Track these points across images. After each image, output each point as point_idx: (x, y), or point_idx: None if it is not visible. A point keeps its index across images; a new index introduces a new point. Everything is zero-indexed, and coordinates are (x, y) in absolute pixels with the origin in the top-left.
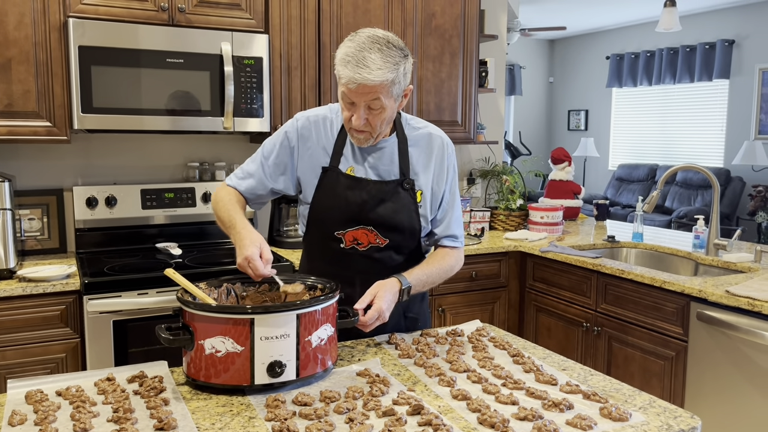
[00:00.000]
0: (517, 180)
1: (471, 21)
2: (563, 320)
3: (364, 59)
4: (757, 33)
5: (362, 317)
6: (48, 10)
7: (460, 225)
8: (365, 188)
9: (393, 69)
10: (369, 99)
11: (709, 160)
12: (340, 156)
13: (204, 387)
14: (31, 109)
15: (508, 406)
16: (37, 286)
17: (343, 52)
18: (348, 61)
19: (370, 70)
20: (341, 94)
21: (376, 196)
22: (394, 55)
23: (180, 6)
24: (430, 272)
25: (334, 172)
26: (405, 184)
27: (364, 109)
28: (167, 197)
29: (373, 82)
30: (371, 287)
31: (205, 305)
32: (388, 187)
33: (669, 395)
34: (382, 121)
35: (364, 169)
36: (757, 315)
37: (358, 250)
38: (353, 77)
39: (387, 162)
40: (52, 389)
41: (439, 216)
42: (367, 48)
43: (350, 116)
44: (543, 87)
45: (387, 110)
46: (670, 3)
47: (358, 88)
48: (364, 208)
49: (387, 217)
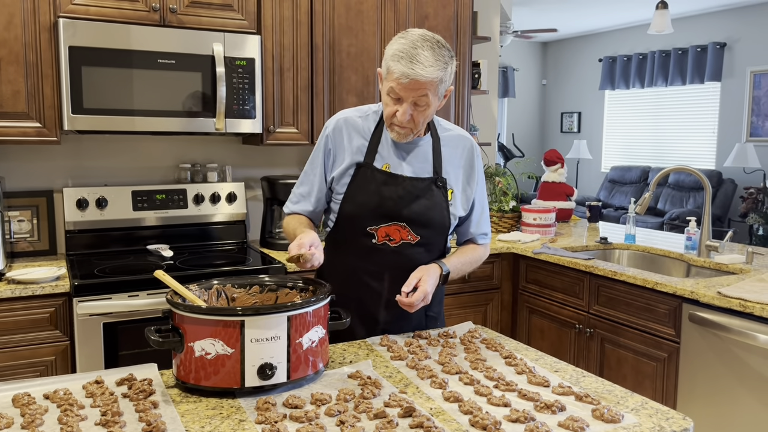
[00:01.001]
0: (510, 182)
1: (464, 23)
2: (556, 322)
3: (417, 56)
4: (748, 36)
5: (408, 299)
6: (38, 11)
7: (489, 222)
8: (401, 184)
9: (443, 68)
10: (417, 95)
11: (701, 162)
12: (375, 153)
13: (194, 390)
14: (20, 110)
15: (500, 407)
16: (26, 288)
17: (396, 48)
18: (401, 57)
19: (423, 66)
20: (388, 89)
21: (412, 193)
22: (444, 55)
23: (171, 6)
24: (464, 261)
25: (369, 168)
26: (438, 182)
27: (411, 105)
28: (158, 199)
29: (425, 78)
30: (415, 271)
31: (195, 307)
32: (423, 184)
33: (661, 397)
34: (425, 118)
35: (399, 165)
36: (748, 316)
37: (390, 245)
38: (406, 72)
39: (421, 160)
40: (39, 392)
41: (474, 216)
42: (419, 45)
43: (394, 111)
44: (536, 89)
45: (431, 107)
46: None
47: (409, 84)
48: (400, 204)
49: (421, 214)
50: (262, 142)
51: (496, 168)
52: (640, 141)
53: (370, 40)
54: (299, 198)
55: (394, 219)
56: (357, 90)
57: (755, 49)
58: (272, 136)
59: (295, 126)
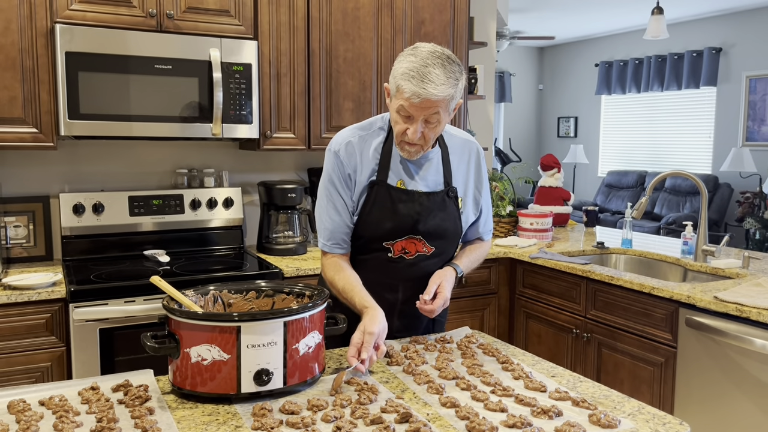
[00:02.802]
0: (507, 186)
1: (460, 28)
2: (553, 327)
3: (428, 74)
4: (743, 41)
5: (430, 306)
6: (35, 17)
7: (492, 218)
8: (417, 200)
9: (454, 84)
10: (429, 113)
11: (697, 166)
12: (387, 170)
13: (190, 396)
14: (17, 116)
15: (497, 413)
16: (22, 294)
17: (406, 67)
18: (412, 76)
19: (435, 86)
20: (398, 107)
21: (428, 208)
22: (455, 71)
23: (168, 12)
24: (472, 259)
25: (383, 186)
26: (450, 192)
27: (422, 122)
28: (155, 204)
29: (437, 97)
30: (433, 276)
31: (191, 313)
32: (438, 197)
33: (658, 401)
34: (436, 135)
35: (413, 181)
36: (745, 321)
37: (406, 258)
38: (418, 92)
39: (433, 173)
40: (35, 399)
41: (482, 218)
42: (430, 63)
43: (405, 129)
44: (532, 94)
45: (442, 124)
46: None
47: (421, 103)
48: (417, 219)
49: (437, 227)
50: (258, 148)
51: (493, 173)
52: (637, 146)
53: (366, 46)
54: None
55: (410, 233)
56: (354, 95)
57: (751, 53)
58: (269, 141)
59: (292, 131)
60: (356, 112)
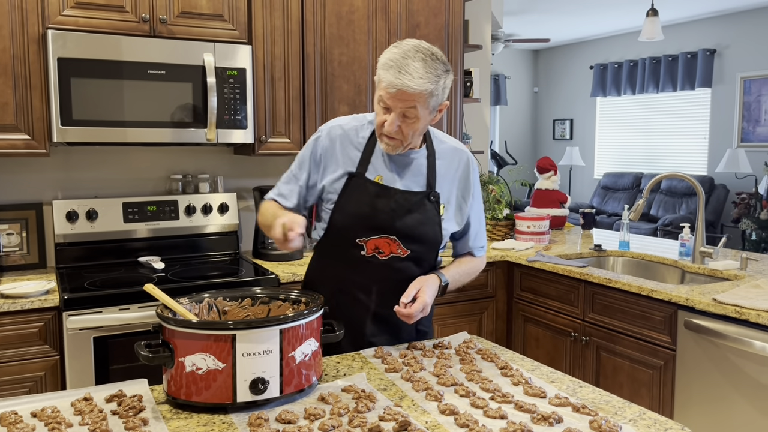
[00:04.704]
0: (503, 189)
1: (455, 31)
2: (551, 330)
3: (406, 66)
4: (737, 42)
5: (408, 309)
6: (27, 22)
7: (485, 235)
8: (393, 197)
9: (434, 80)
10: (405, 106)
11: (693, 168)
12: (367, 164)
13: (185, 405)
14: (8, 123)
15: (497, 420)
16: (15, 303)
17: (387, 57)
18: (390, 66)
19: (411, 77)
20: (378, 97)
21: (404, 206)
22: (436, 67)
23: (161, 17)
24: (461, 272)
25: (361, 179)
26: (431, 196)
27: (399, 116)
28: (150, 210)
29: (412, 89)
30: (414, 281)
31: (185, 321)
32: (416, 198)
33: (658, 405)
34: (415, 131)
35: (392, 177)
36: (744, 323)
37: (379, 258)
38: (393, 82)
39: (415, 173)
40: (27, 410)
41: (471, 231)
42: (411, 56)
43: (383, 121)
44: (528, 97)
45: (421, 121)
46: (652, 13)
47: (396, 94)
48: (391, 216)
49: (412, 228)
50: (253, 153)
51: (489, 176)
52: (632, 147)
53: (361, 50)
54: (283, 198)
55: (384, 232)
56: (349, 99)
57: (745, 55)
58: (264, 146)
59: (287, 136)
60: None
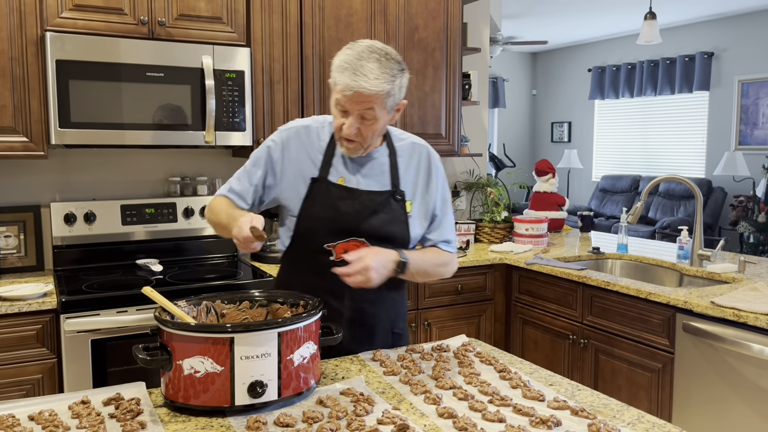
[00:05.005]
0: (501, 192)
1: (454, 34)
2: (550, 333)
3: (361, 67)
4: (735, 45)
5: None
6: (25, 24)
7: (453, 231)
8: (358, 198)
9: (389, 80)
10: (363, 108)
11: (691, 170)
12: (329, 166)
13: (183, 409)
14: (7, 125)
15: (495, 423)
16: (12, 306)
17: (341, 59)
18: (345, 68)
19: (367, 79)
20: (335, 101)
21: (369, 207)
22: (392, 67)
23: (160, 19)
24: (425, 259)
25: (324, 182)
26: (397, 195)
27: (357, 118)
28: (148, 213)
29: (369, 91)
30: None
31: (183, 324)
32: (381, 197)
33: (656, 407)
34: (373, 133)
35: (355, 179)
36: (742, 326)
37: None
38: (349, 84)
39: (378, 173)
40: (24, 413)
41: (434, 223)
42: (365, 57)
43: (341, 124)
44: (526, 99)
45: (379, 121)
46: (650, 16)
47: (353, 96)
48: (357, 218)
49: (379, 228)
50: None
51: (487, 178)
52: (631, 150)
53: None
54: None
55: (351, 234)
56: None
57: (742, 58)
58: None
59: None
60: None
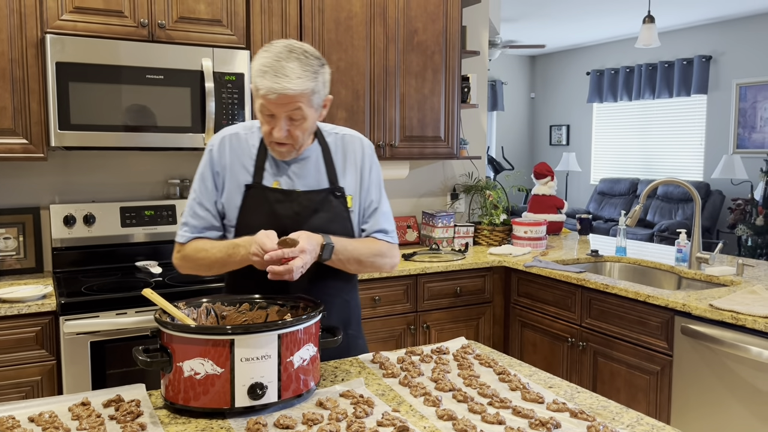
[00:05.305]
0: (500, 195)
1: (453, 37)
2: (548, 335)
3: (282, 68)
4: (733, 49)
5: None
6: (25, 27)
7: (390, 220)
8: (296, 200)
9: (312, 78)
10: (290, 109)
11: (689, 174)
12: (262, 171)
13: (183, 410)
14: (6, 127)
15: (495, 425)
16: (11, 307)
17: (260, 63)
18: (266, 72)
19: (290, 80)
20: (260, 106)
21: (309, 207)
22: (312, 64)
23: (160, 22)
24: (356, 246)
25: (259, 188)
26: (336, 192)
27: (285, 120)
28: (147, 215)
29: (293, 91)
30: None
31: (184, 326)
32: (320, 196)
33: (655, 410)
34: (304, 132)
35: (290, 181)
36: (740, 329)
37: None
38: (272, 87)
39: (313, 171)
40: (24, 415)
41: (369, 213)
42: (284, 57)
43: (270, 129)
44: (525, 102)
45: (308, 120)
46: (648, 20)
47: (278, 99)
48: (297, 220)
49: (321, 228)
50: None
51: (486, 181)
52: (629, 153)
53: (359, 55)
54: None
55: None
56: (347, 104)
57: (740, 61)
58: None
59: None
60: (349, 121)
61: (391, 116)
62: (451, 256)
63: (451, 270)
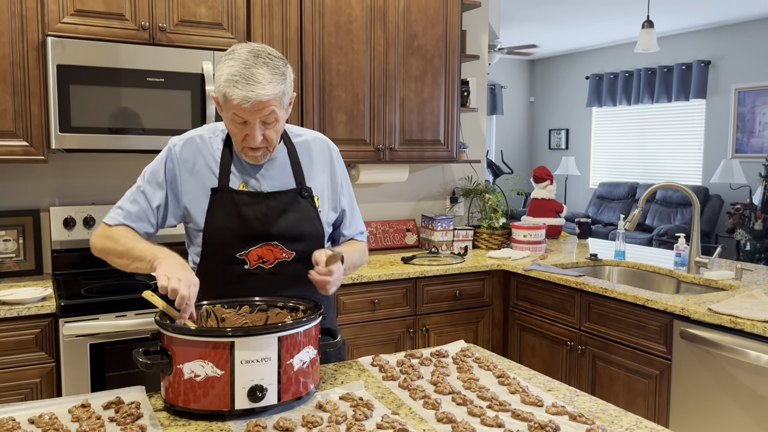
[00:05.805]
0: (499, 199)
1: (453, 41)
2: (547, 339)
3: (253, 76)
4: (731, 54)
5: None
6: (26, 29)
7: (362, 220)
8: (263, 202)
9: (282, 80)
10: (264, 114)
11: (688, 178)
12: (228, 174)
13: (183, 413)
14: (7, 129)
15: (494, 428)
16: (11, 309)
17: (228, 72)
18: (236, 81)
19: (262, 86)
20: (231, 116)
21: (277, 208)
22: (278, 66)
23: (161, 25)
24: (351, 251)
25: (225, 191)
26: (303, 192)
27: (260, 125)
28: None
29: (267, 96)
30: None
31: (184, 328)
32: (287, 197)
33: (654, 414)
34: (278, 133)
35: (257, 182)
36: (739, 333)
37: (265, 268)
38: (247, 96)
39: (279, 172)
40: (24, 417)
41: (346, 218)
42: (252, 64)
43: (244, 136)
44: (524, 106)
45: (280, 122)
46: (647, 24)
47: (253, 106)
48: (266, 222)
49: (291, 228)
50: None
51: (485, 185)
52: (628, 157)
53: (359, 59)
54: (135, 218)
55: (263, 239)
56: (346, 108)
57: (739, 66)
58: None
59: None
60: (349, 124)
61: (391, 120)
62: (450, 260)
63: (450, 273)
